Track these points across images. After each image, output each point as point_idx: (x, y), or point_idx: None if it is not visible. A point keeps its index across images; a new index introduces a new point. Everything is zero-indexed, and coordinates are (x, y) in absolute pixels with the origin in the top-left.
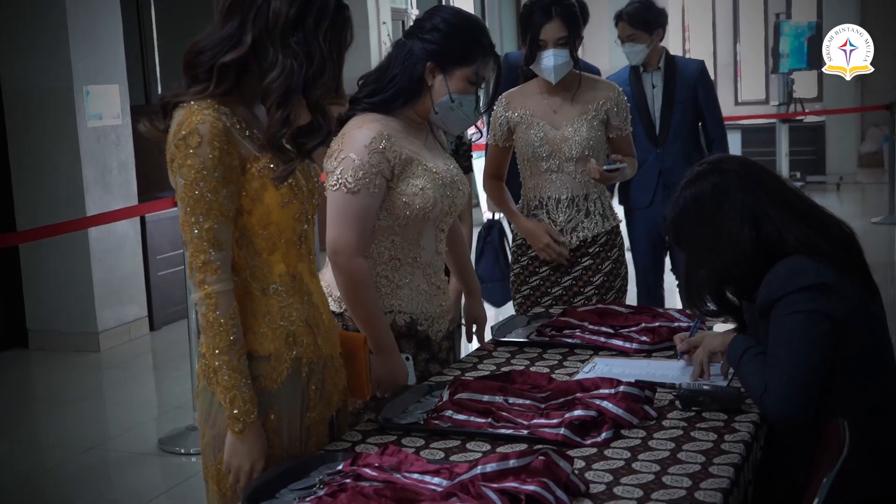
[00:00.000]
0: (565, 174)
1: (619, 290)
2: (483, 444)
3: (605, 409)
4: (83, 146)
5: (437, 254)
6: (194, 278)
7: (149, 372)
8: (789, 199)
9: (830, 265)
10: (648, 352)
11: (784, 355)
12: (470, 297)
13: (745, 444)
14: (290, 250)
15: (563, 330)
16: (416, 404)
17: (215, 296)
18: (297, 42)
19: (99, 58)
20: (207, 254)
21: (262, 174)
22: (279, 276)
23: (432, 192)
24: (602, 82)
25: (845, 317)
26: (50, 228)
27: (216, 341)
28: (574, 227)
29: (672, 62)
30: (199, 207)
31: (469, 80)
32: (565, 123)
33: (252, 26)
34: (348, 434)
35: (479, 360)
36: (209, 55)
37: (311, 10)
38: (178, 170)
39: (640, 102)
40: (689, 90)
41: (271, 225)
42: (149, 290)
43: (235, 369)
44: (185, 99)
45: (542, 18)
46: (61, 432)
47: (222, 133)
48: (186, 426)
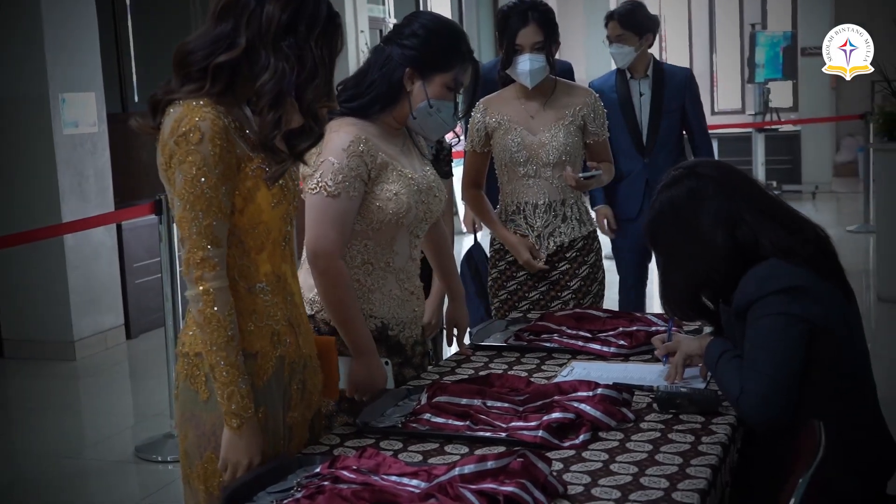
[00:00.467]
0: (542, 179)
1: (595, 295)
2: (461, 446)
3: (583, 412)
4: (59, 154)
5: (411, 259)
6: (191, 275)
7: (125, 380)
8: (765, 204)
9: (806, 268)
10: (626, 356)
11: (760, 357)
12: (453, 301)
13: (723, 446)
14: (276, 250)
15: (540, 334)
16: (394, 408)
17: (213, 292)
18: (289, 46)
19: (75, 65)
20: (206, 250)
21: (255, 174)
22: (265, 276)
23: (406, 197)
24: (579, 88)
25: (820, 319)
26: (25, 235)
27: (214, 337)
28: (551, 233)
29: (660, 70)
30: (199, 204)
31: (447, 87)
32: (542, 129)
33: (245, 29)
34: (326, 437)
35: (457, 364)
36: (202, 55)
37: (303, 17)
38: (177, 166)
39: (628, 110)
40: (676, 99)
41: (261, 224)
42: (125, 298)
43: (233, 365)
44: (180, 97)
45: (518, 23)
46: (37, 441)
47: (222, 131)
48: (163, 434)
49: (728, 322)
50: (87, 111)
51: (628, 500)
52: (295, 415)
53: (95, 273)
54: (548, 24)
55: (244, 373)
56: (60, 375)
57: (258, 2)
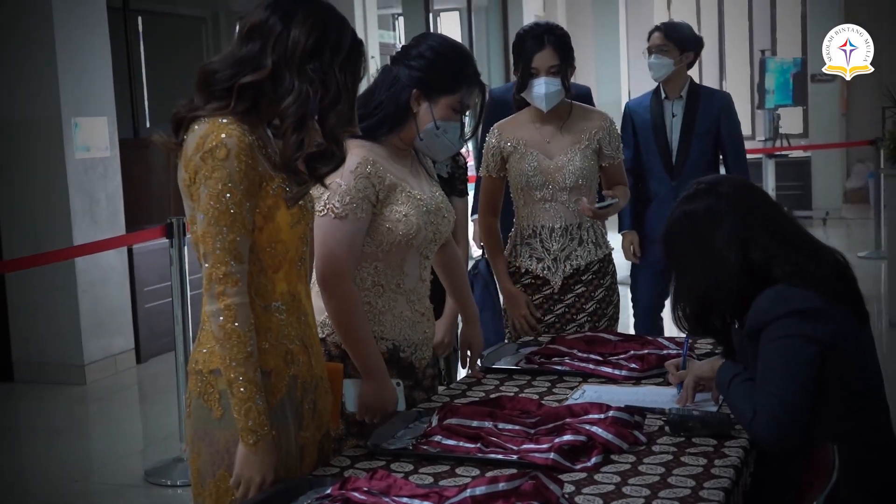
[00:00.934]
0: (559, 203)
1: (611, 318)
2: (472, 468)
3: (595, 434)
4: (71, 178)
5: (421, 280)
6: (213, 290)
7: (135, 404)
8: (782, 227)
9: (819, 291)
10: (637, 379)
11: (773, 379)
12: (467, 323)
13: (735, 469)
14: (293, 270)
15: (551, 357)
16: (404, 430)
17: (235, 307)
18: (314, 70)
19: (87, 90)
20: (229, 266)
21: (275, 193)
22: (280, 295)
23: (416, 218)
24: (594, 111)
25: (833, 340)
26: (36, 258)
27: (234, 352)
28: (567, 256)
29: (696, 92)
30: (224, 219)
31: (453, 108)
32: (558, 153)
33: (272, 52)
34: (337, 459)
35: (468, 387)
36: (228, 74)
37: (328, 43)
38: (203, 181)
39: (659, 131)
40: (710, 123)
41: (279, 243)
42: (136, 322)
43: (251, 381)
44: (204, 114)
45: (534, 47)
46: (47, 465)
47: (248, 148)
48: (173, 458)
49: (740, 344)
50: (99, 135)
51: None
52: (306, 435)
53: (106, 297)
54: (563, 48)
55: (262, 389)
56: (70, 399)
57: (285, 26)
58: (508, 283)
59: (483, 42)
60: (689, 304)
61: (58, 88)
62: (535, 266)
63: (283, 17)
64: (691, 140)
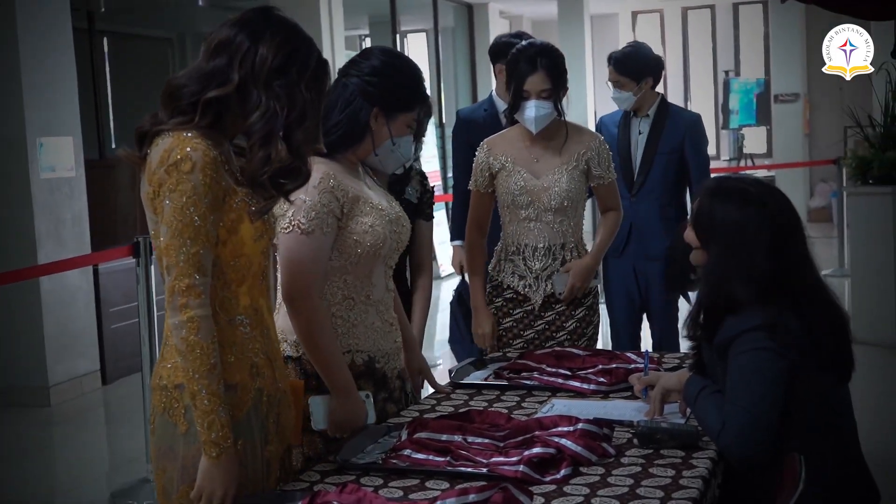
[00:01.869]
0: (543, 223)
1: (590, 338)
2: (442, 482)
3: (564, 447)
4: (36, 198)
5: (388, 290)
6: (175, 302)
7: (101, 426)
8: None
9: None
10: (606, 393)
11: (741, 392)
12: (407, 350)
13: (704, 480)
14: (255, 284)
15: (520, 372)
16: (374, 444)
17: (197, 319)
18: (280, 86)
19: (53, 110)
20: (192, 278)
21: (238, 207)
22: (244, 309)
23: (381, 228)
24: (585, 131)
25: (801, 356)
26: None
27: (196, 364)
28: (549, 275)
29: (664, 111)
30: (188, 232)
31: (408, 125)
32: (546, 173)
33: (238, 67)
34: (306, 474)
35: (438, 402)
36: (193, 89)
37: (295, 61)
38: (167, 194)
39: (624, 148)
40: (675, 143)
41: (243, 257)
42: (101, 343)
43: (214, 394)
44: (169, 128)
45: (527, 69)
46: (11, 488)
47: (213, 162)
48: (140, 479)
49: (710, 359)
50: (64, 155)
51: None
52: (272, 448)
53: (71, 318)
54: (556, 71)
55: (224, 402)
56: (35, 421)
57: (252, 43)
58: (481, 301)
59: (450, 63)
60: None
61: (23, 108)
62: (517, 283)
63: (251, 34)
64: (654, 159)
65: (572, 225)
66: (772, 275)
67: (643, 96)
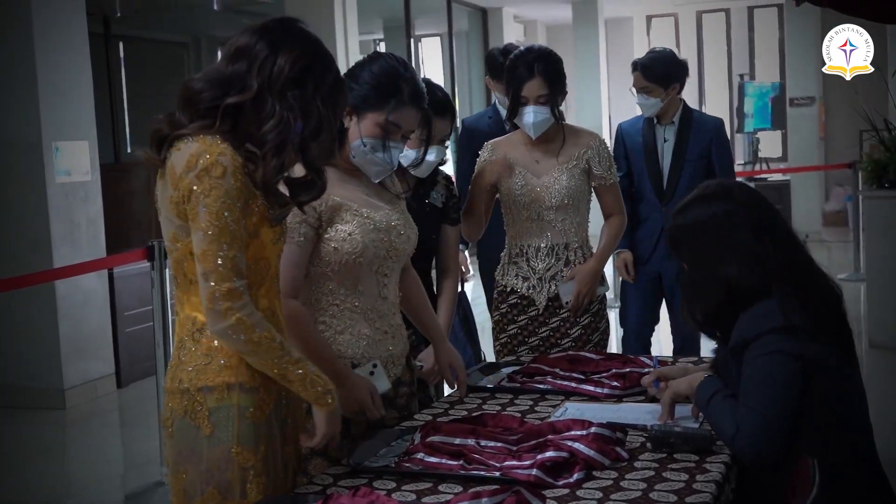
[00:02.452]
0: (545, 222)
1: (597, 345)
2: (455, 485)
3: (577, 451)
4: (51, 202)
5: (381, 298)
6: (219, 307)
7: (115, 429)
8: (786, 246)
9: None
10: (619, 397)
11: (756, 396)
12: (436, 345)
13: (717, 484)
14: (272, 286)
15: (534, 376)
16: (387, 448)
17: (247, 318)
18: (295, 98)
19: (68, 114)
20: (232, 282)
21: (260, 210)
22: (263, 311)
23: (361, 237)
24: (584, 132)
25: (817, 357)
26: (15, 280)
27: (270, 354)
28: (553, 276)
29: (688, 117)
30: (224, 236)
31: (380, 126)
32: (545, 172)
33: (257, 75)
34: (319, 477)
35: (451, 405)
36: (214, 94)
37: (311, 74)
38: (201, 199)
39: (651, 156)
40: (702, 148)
41: (262, 260)
42: (116, 346)
43: (295, 363)
44: (191, 132)
45: (525, 74)
46: (26, 490)
47: (241, 166)
48: (154, 482)
49: (724, 360)
50: (80, 159)
51: None
52: (289, 450)
53: (86, 321)
54: (553, 76)
55: (307, 360)
56: (50, 424)
57: (271, 52)
58: None
59: (464, 67)
60: (704, 301)
61: (38, 112)
62: (521, 285)
63: (271, 43)
64: (682, 166)
65: (575, 224)
66: (765, 254)
67: (668, 103)
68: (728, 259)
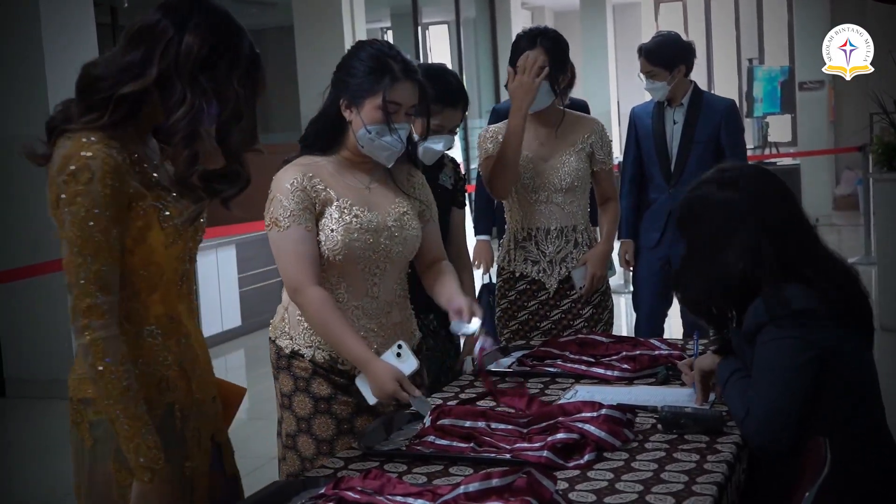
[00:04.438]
0: (554, 205)
1: (606, 323)
2: (466, 468)
3: (588, 432)
4: None
5: (371, 297)
6: (77, 323)
7: None
8: (797, 233)
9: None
10: (629, 379)
11: (767, 381)
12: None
13: (728, 465)
14: (171, 290)
15: (544, 360)
16: (397, 431)
17: (101, 342)
18: (208, 81)
19: None
20: (94, 297)
21: (146, 213)
22: (156, 318)
23: (342, 236)
24: (585, 118)
25: (830, 343)
26: (22, 271)
27: (109, 389)
28: (563, 258)
29: (698, 99)
30: (88, 248)
31: (379, 108)
32: (553, 155)
33: (160, 59)
34: (330, 461)
35: (461, 389)
36: (108, 83)
37: (225, 53)
38: (66, 206)
39: (659, 138)
40: (711, 130)
41: (153, 265)
42: None
43: (133, 417)
44: (74, 128)
45: (526, 46)
46: (40, 480)
47: (113, 170)
48: None
49: (738, 345)
50: None
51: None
52: (192, 465)
53: None
54: (556, 52)
55: (148, 422)
56: (63, 414)
57: (177, 31)
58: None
59: (472, 55)
60: (692, 287)
61: (47, 104)
62: (531, 269)
63: (176, 21)
64: (691, 148)
65: (581, 206)
66: (766, 252)
67: (676, 85)
68: (726, 252)
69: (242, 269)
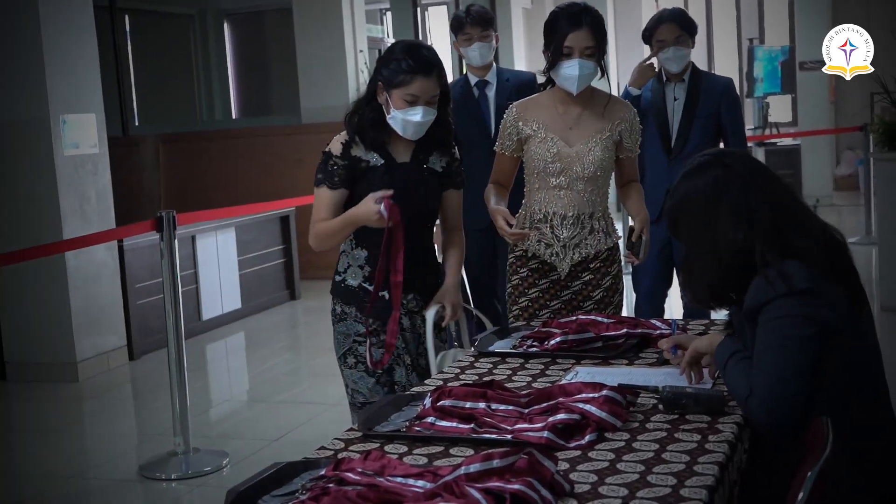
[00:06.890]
0: (574, 192)
1: (616, 306)
2: (466, 449)
3: (589, 413)
4: (60, 175)
5: None
6: None
7: (128, 401)
8: (786, 204)
9: (820, 271)
10: (630, 360)
11: (770, 359)
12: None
13: (730, 444)
14: None
15: (544, 340)
16: (398, 413)
17: None
18: None
19: (75, 87)
20: None
21: None
22: None
23: None
24: (619, 102)
25: (832, 321)
26: (26, 252)
27: None
28: (577, 244)
29: (697, 76)
30: None
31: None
32: (579, 141)
33: None
34: (331, 442)
35: (461, 370)
36: None
37: None
38: None
39: (660, 114)
40: (711, 107)
41: None
42: (128, 319)
43: None
44: None
45: (569, 26)
46: (41, 462)
47: None
48: (167, 452)
49: (739, 325)
50: (87, 132)
51: (636, 497)
52: None
53: (97, 294)
54: (600, 30)
55: None
56: (63, 397)
57: None
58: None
59: None
60: (700, 280)
61: (45, 86)
62: (543, 251)
63: None
64: (692, 123)
65: (601, 194)
66: (758, 212)
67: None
68: (718, 227)
69: (242, 252)
